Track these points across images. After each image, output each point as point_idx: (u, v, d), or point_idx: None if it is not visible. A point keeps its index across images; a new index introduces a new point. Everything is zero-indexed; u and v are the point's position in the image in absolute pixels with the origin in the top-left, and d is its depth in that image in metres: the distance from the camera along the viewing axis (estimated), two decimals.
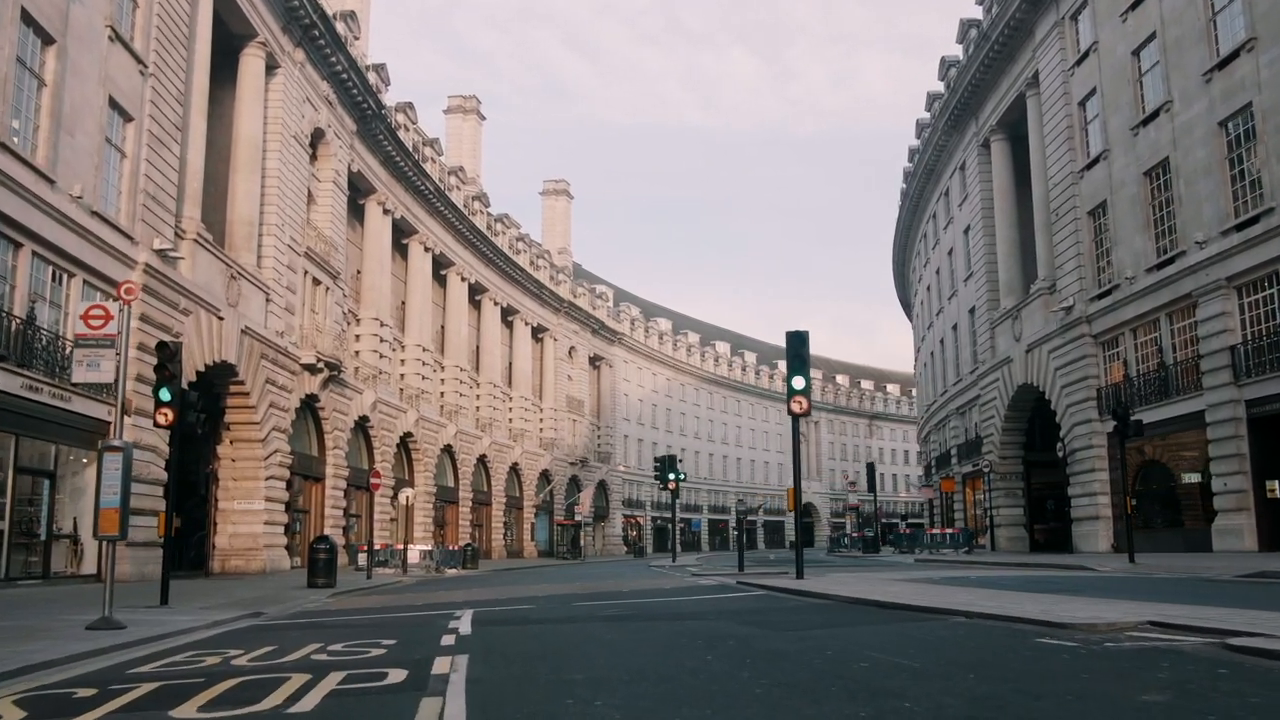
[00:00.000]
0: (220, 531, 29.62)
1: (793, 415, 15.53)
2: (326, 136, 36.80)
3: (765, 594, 14.23)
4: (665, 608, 12.54)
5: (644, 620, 10.64)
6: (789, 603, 12.37)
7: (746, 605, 12.24)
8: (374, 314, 42.85)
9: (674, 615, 11.23)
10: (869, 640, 7.87)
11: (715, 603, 13.07)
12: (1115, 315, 28.87)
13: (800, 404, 15.37)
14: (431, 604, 14.66)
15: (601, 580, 21.66)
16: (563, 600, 14.53)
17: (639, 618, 11.03)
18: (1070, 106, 31.58)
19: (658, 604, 13.22)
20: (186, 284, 24.43)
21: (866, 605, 11.00)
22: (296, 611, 13.79)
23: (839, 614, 10.43)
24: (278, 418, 30.72)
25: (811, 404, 15.28)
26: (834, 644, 7.64)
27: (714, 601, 13.28)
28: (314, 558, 20.08)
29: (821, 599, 12.40)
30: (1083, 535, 30.41)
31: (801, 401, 15.38)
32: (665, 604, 13.19)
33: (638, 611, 12.01)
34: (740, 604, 12.61)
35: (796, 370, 15.52)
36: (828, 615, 10.36)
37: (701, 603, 13.20)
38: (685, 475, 43.38)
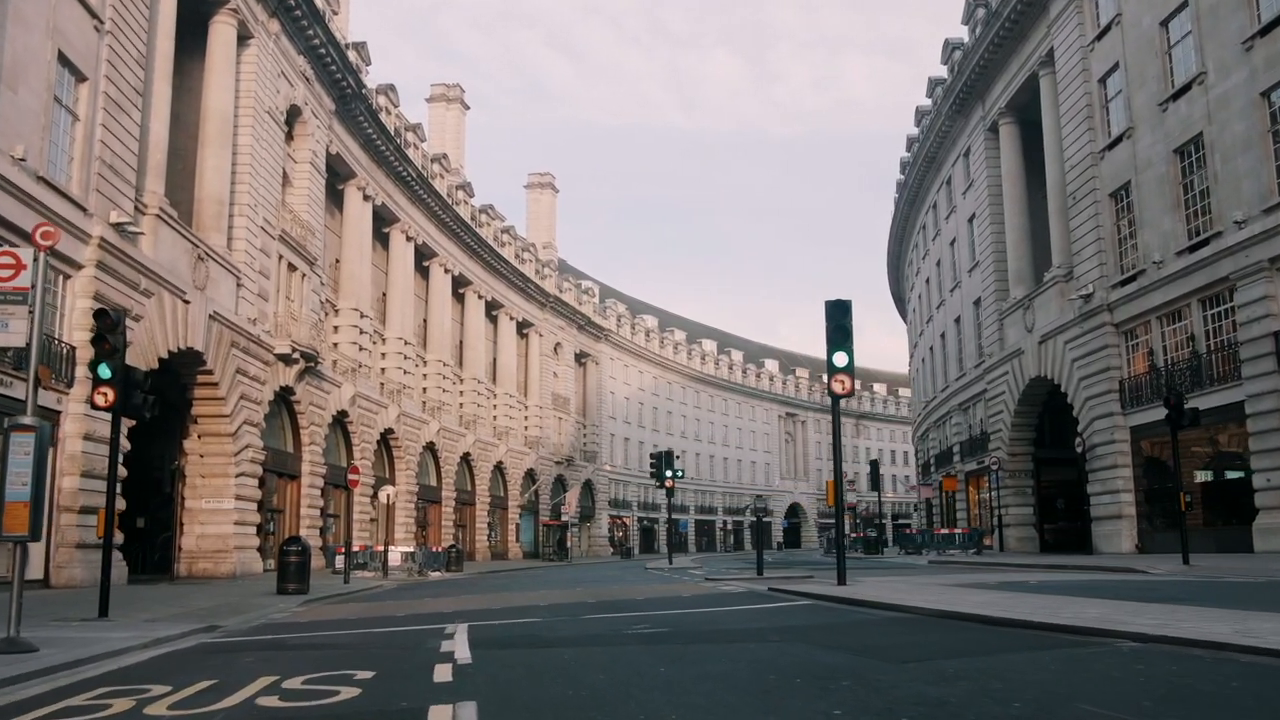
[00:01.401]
0: (187, 532, 27.61)
1: (833, 396, 13.75)
2: (303, 115, 34.82)
3: (814, 604, 12.31)
4: (705, 622, 10.69)
5: (691, 642, 8.64)
6: (855, 616, 10.42)
7: (806, 620, 10.34)
8: (353, 304, 40.87)
9: (725, 634, 9.26)
10: (1039, 677, 5.89)
11: (762, 616, 11.15)
12: (1140, 302, 27.27)
13: (842, 383, 13.59)
14: (417, 615, 12.76)
15: (604, 585, 19.77)
16: (571, 611, 12.67)
17: (681, 637, 9.06)
18: (1089, 84, 29.99)
19: (692, 617, 11.30)
20: (148, 262, 22.45)
21: (964, 621, 9.06)
22: (260, 624, 11.89)
23: (943, 634, 8.39)
24: (249, 411, 28.73)
25: (854, 385, 13.52)
26: (997, 684, 5.64)
27: (759, 614, 11.35)
28: (284, 561, 18.15)
29: (895, 611, 10.40)
30: (1104, 535, 28.80)
31: (844, 381, 13.59)
32: (702, 617, 11.31)
33: (675, 628, 10.08)
34: (795, 617, 10.74)
35: (838, 345, 13.70)
36: (931, 636, 8.35)
37: (745, 616, 11.29)
38: (683, 473, 41.62)
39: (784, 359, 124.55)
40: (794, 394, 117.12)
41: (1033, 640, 7.57)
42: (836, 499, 13.91)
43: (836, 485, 14.13)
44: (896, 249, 63.76)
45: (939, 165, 47.12)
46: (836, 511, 14.24)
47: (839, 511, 14.17)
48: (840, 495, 13.98)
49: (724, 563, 40.40)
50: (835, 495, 14.01)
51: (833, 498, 14.50)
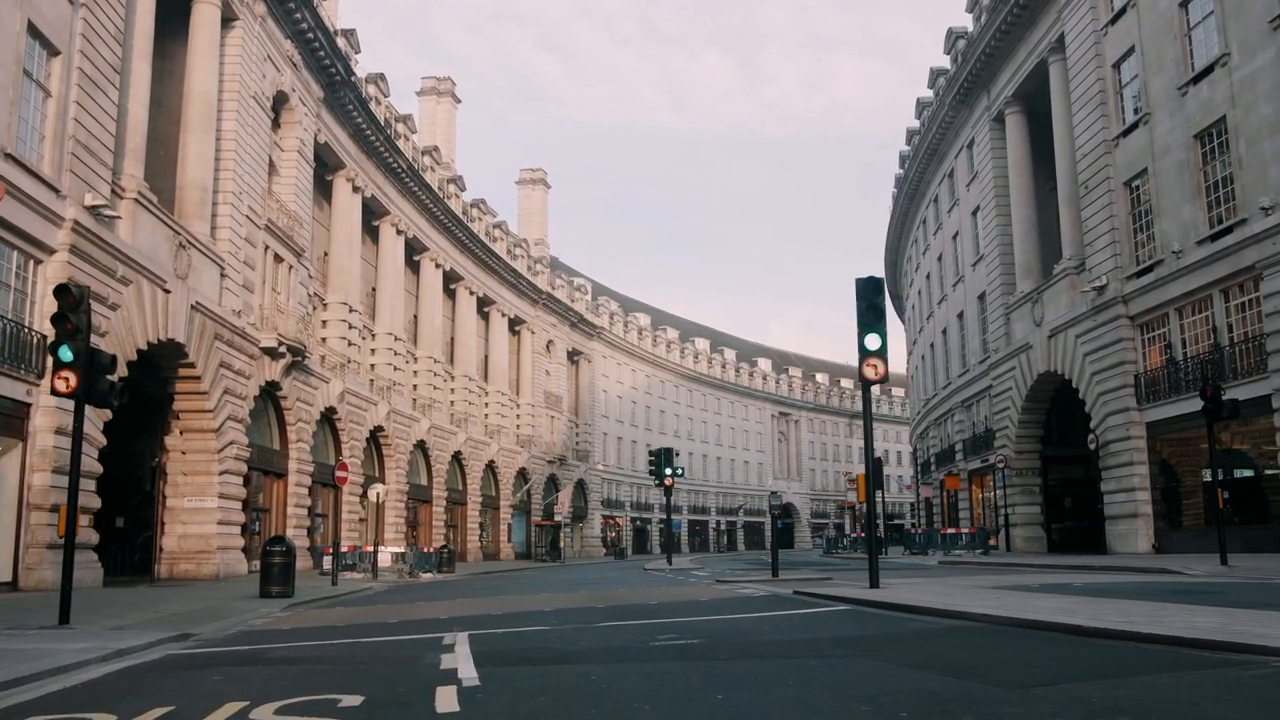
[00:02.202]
0: (168, 532, 26.49)
1: (865, 382, 12.68)
2: (290, 102, 33.69)
3: (855, 610, 11.13)
4: (742, 632, 9.46)
5: (737, 657, 7.38)
6: (912, 625, 9.11)
7: (858, 629, 9.11)
8: (342, 298, 39.76)
9: (773, 647, 8.03)
10: (1218, 712, 4.78)
11: (802, 624, 9.98)
12: (1158, 294, 26.37)
13: (875, 368, 12.54)
14: (410, 622, 11.68)
15: (607, 588, 18.68)
16: (582, 617, 11.52)
17: (723, 651, 7.79)
18: (1102, 69, 29.09)
19: (724, 626, 10.10)
20: (125, 249, 21.34)
21: (1051, 631, 7.87)
22: (237, 632, 10.82)
23: (1041, 649, 7.18)
24: (234, 406, 27.62)
25: (887, 370, 12.48)
26: None
27: (799, 622, 10.16)
28: (268, 562, 17.05)
29: (957, 619, 9.15)
30: (1119, 535, 27.89)
31: (876, 365, 12.55)
32: (734, 626, 10.13)
33: (709, 639, 8.77)
34: (842, 626, 9.49)
35: (871, 326, 12.63)
36: (1027, 652, 7.13)
37: (784, 624, 10.07)
38: (683, 471, 40.61)
39: (777, 358, 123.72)
40: (787, 393, 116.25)
41: (1163, 658, 6.39)
42: (868, 493, 12.86)
43: (868, 479, 13.12)
44: (895, 245, 62.88)
45: (941, 158, 46.20)
46: (868, 507, 13.19)
47: (870, 507, 13.10)
48: (871, 489, 12.95)
49: (724, 563, 39.43)
50: (866, 489, 12.97)
51: (864, 492, 13.45)
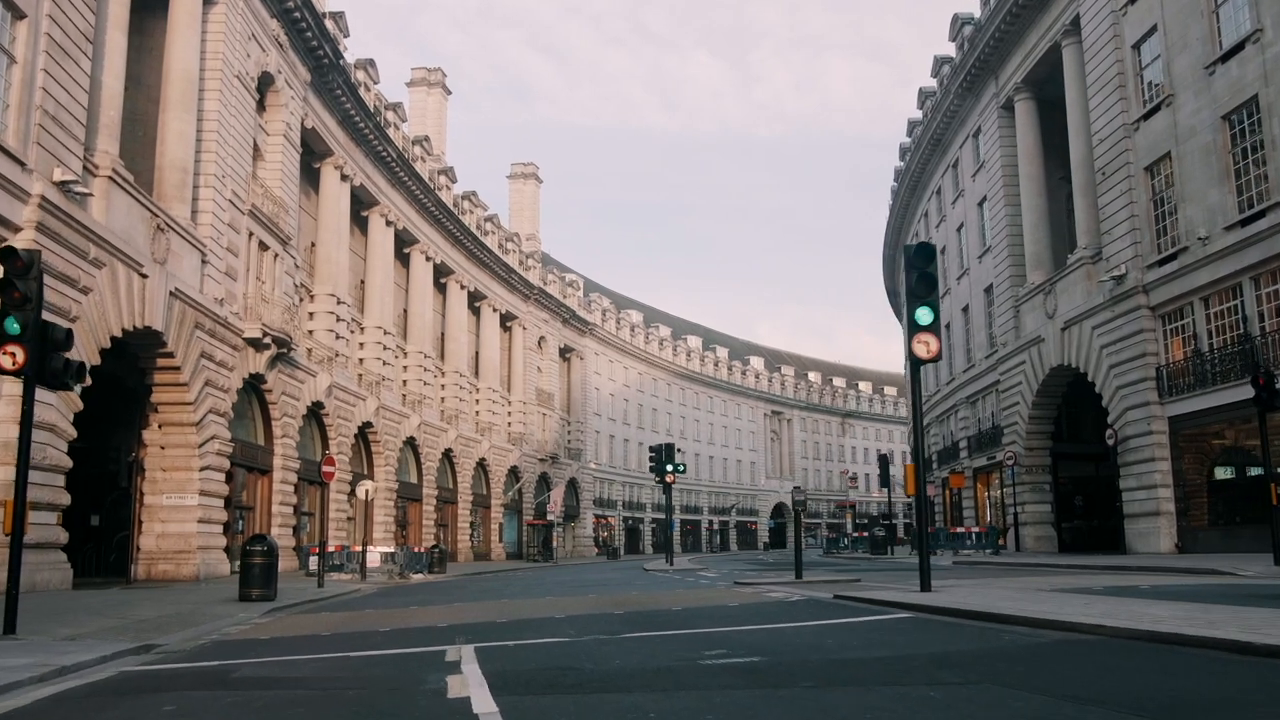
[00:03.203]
0: (146, 531, 25.15)
1: (915, 361, 11.46)
2: (276, 84, 32.38)
3: (922, 619, 9.76)
4: (803, 647, 8.02)
5: (823, 684, 5.99)
6: (1009, 638, 7.73)
7: (947, 645, 7.69)
8: (330, 290, 38.45)
9: (857, 669, 6.64)
10: None
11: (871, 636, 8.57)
12: (1181, 282, 25.32)
13: (926, 345, 11.35)
14: (405, 630, 10.43)
15: (615, 590, 17.36)
16: (602, 626, 10.13)
17: (801, 677, 6.29)
18: (1121, 51, 28.03)
19: (777, 639, 8.68)
20: (98, 229, 20.03)
21: (1195, 646, 6.59)
22: (207, 643, 9.56)
23: (1205, 673, 5.95)
24: (216, 399, 26.31)
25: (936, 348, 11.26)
26: None
27: (865, 634, 8.73)
28: (248, 563, 15.76)
29: (1062, 630, 7.74)
30: (1139, 534, 26.82)
31: (928, 342, 11.36)
32: (788, 638, 8.73)
33: (771, 657, 7.36)
34: (923, 640, 8.13)
35: (922, 298, 11.36)
36: (1192, 679, 5.83)
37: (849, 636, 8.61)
38: (684, 467, 39.46)
39: (769, 356, 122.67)
40: (779, 392, 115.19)
41: None
42: (918, 485, 11.54)
43: (918, 471, 11.84)
44: (894, 240, 61.73)
45: (945, 148, 45.14)
46: (917, 500, 11.90)
47: (920, 501, 11.81)
48: (921, 482, 11.68)
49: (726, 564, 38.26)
50: (916, 481, 11.63)
51: (913, 484, 12.24)
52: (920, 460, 11.94)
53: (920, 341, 11.40)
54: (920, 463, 11.89)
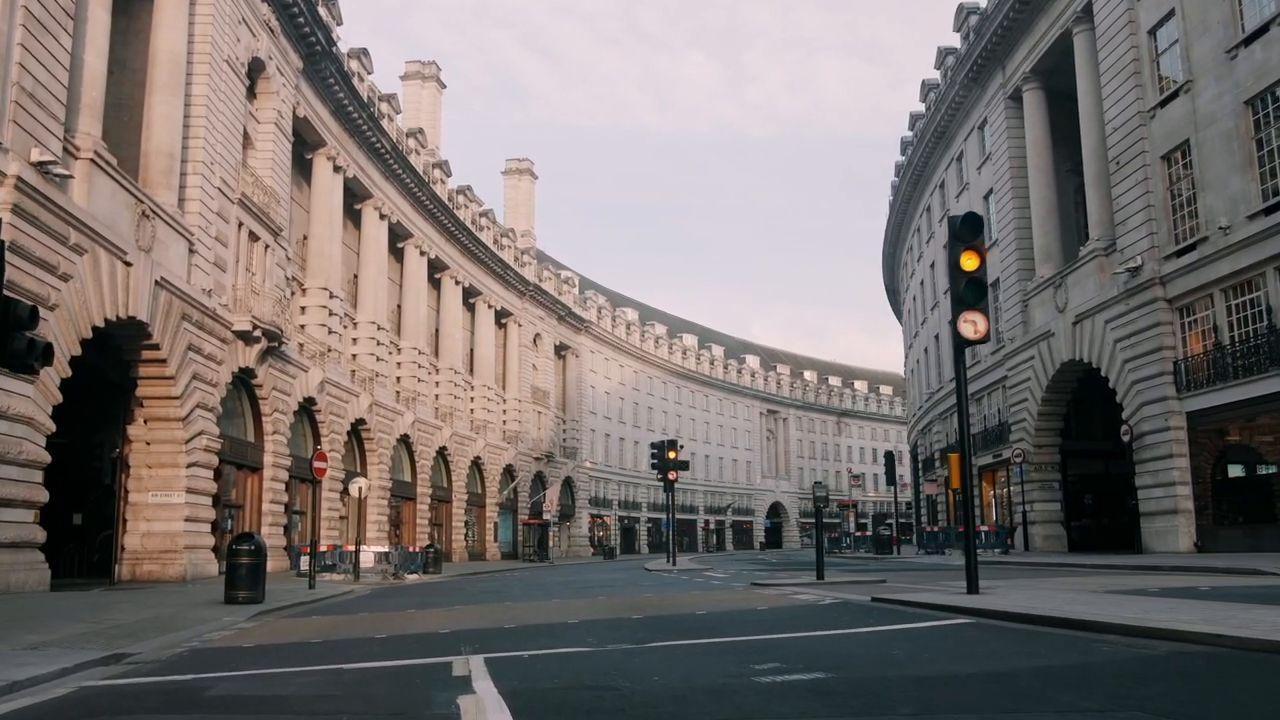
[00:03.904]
0: (131, 530, 24.25)
1: (961, 342, 10.58)
2: (267, 70, 31.49)
3: (982, 623, 8.80)
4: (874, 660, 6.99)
5: (928, 713, 5.10)
6: (1107, 649, 6.73)
7: (1036, 658, 6.75)
8: (322, 283, 37.55)
9: (955, 689, 5.65)
10: None
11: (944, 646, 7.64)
12: (1201, 274, 24.57)
13: (974, 325, 10.48)
14: (403, 637, 9.55)
15: (625, 592, 16.34)
16: (624, 634, 9.09)
17: (899, 703, 5.32)
18: (1136, 37, 27.28)
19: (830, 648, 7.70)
20: (79, 213, 19.15)
21: None
22: (185, 652, 8.66)
23: None
24: (204, 393, 25.42)
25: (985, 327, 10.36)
26: None
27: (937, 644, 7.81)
28: (233, 563, 14.86)
29: (1170, 640, 6.79)
30: (1156, 533, 26.06)
31: (975, 321, 10.49)
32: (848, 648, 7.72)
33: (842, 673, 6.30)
34: (1006, 652, 7.14)
35: (969, 273, 10.37)
36: None
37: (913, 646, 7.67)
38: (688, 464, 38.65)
39: (764, 355, 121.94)
40: (775, 390, 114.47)
41: None
42: (963, 477, 10.62)
43: (963, 462, 10.94)
44: (894, 236, 61.01)
45: (949, 141, 44.37)
46: (964, 494, 10.98)
47: (966, 493, 10.85)
48: (967, 474, 10.74)
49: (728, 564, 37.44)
50: (961, 473, 10.70)
51: (958, 476, 11.31)
52: (966, 451, 11.02)
53: (967, 321, 10.51)
54: (966, 453, 10.97)
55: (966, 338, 10.55)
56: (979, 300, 10.57)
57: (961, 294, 10.47)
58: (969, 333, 10.51)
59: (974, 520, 10.71)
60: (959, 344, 10.72)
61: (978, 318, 10.53)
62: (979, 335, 10.57)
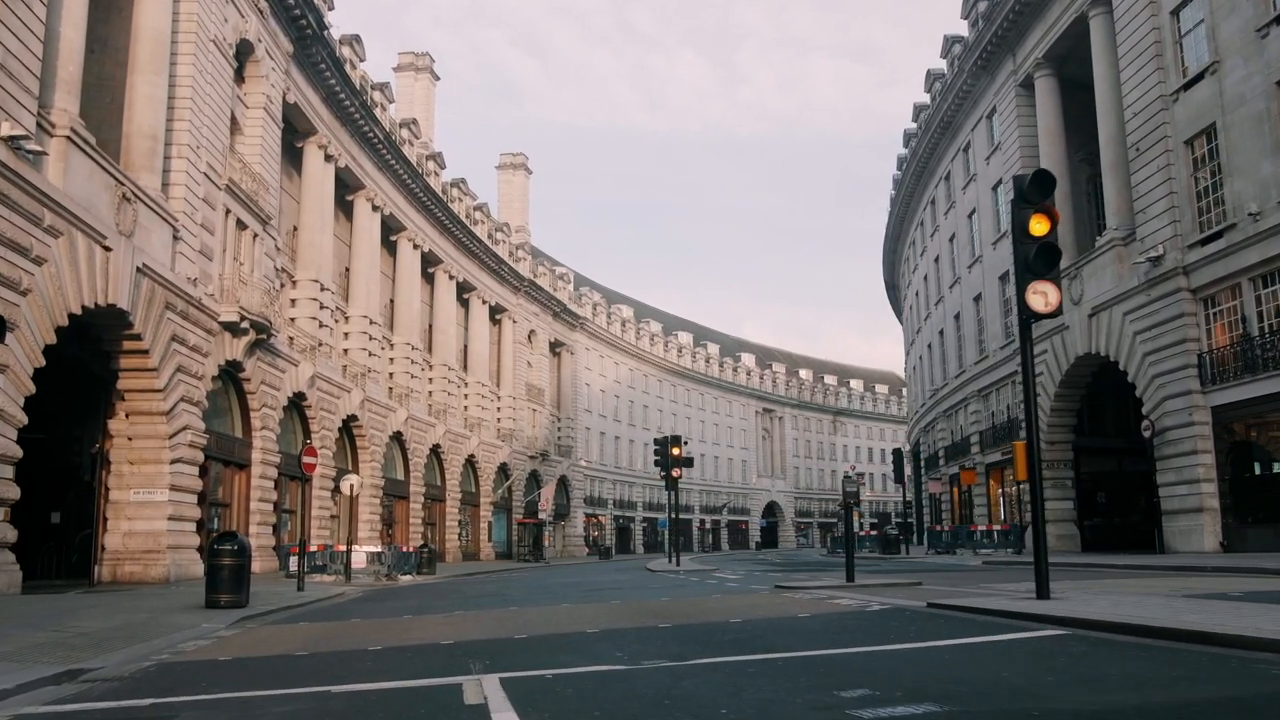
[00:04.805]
0: (111, 529, 23.12)
1: (1028, 316, 9.45)
2: (256, 53, 30.37)
3: (1083, 636, 7.54)
4: (978, 683, 5.76)
5: None
6: (1259, 669, 5.71)
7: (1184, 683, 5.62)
8: (313, 275, 36.43)
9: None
10: None
11: (1050, 664, 6.39)
12: (1227, 263, 23.64)
13: (1045, 297, 9.36)
14: (401, 650, 8.45)
15: (636, 596, 15.13)
16: (655, 647, 7.91)
17: None
18: (1158, 18, 26.35)
19: (913, 668, 6.49)
20: (54, 193, 18.04)
21: None
22: (151, 666, 7.56)
23: None
24: (188, 386, 24.31)
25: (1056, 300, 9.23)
26: None
27: (1036, 660, 6.60)
28: (215, 564, 13.75)
29: None
30: (1179, 532, 25.13)
31: (1046, 293, 9.37)
32: (939, 669, 6.44)
33: (952, 705, 5.14)
34: (1132, 670, 6.02)
35: (1039, 238, 9.25)
36: None
37: (1009, 662, 6.50)
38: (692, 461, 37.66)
39: (760, 353, 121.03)
40: (771, 389, 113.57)
41: None
42: (1030, 467, 9.50)
43: (1030, 451, 9.84)
44: (895, 231, 60.06)
45: (955, 131, 43.42)
46: (1031, 487, 9.84)
47: (1034, 484, 9.70)
48: (1035, 465, 9.64)
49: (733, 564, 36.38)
50: (1028, 463, 9.60)
51: (1024, 467, 10.19)
52: (1034, 439, 9.92)
53: (1036, 292, 9.42)
54: (1034, 442, 9.87)
55: (1036, 311, 9.47)
56: (1050, 269, 9.48)
57: (1031, 262, 9.37)
58: (1038, 305, 9.44)
59: (1042, 516, 9.66)
60: (1026, 318, 9.64)
61: (1048, 288, 9.45)
62: (1050, 308, 9.49)
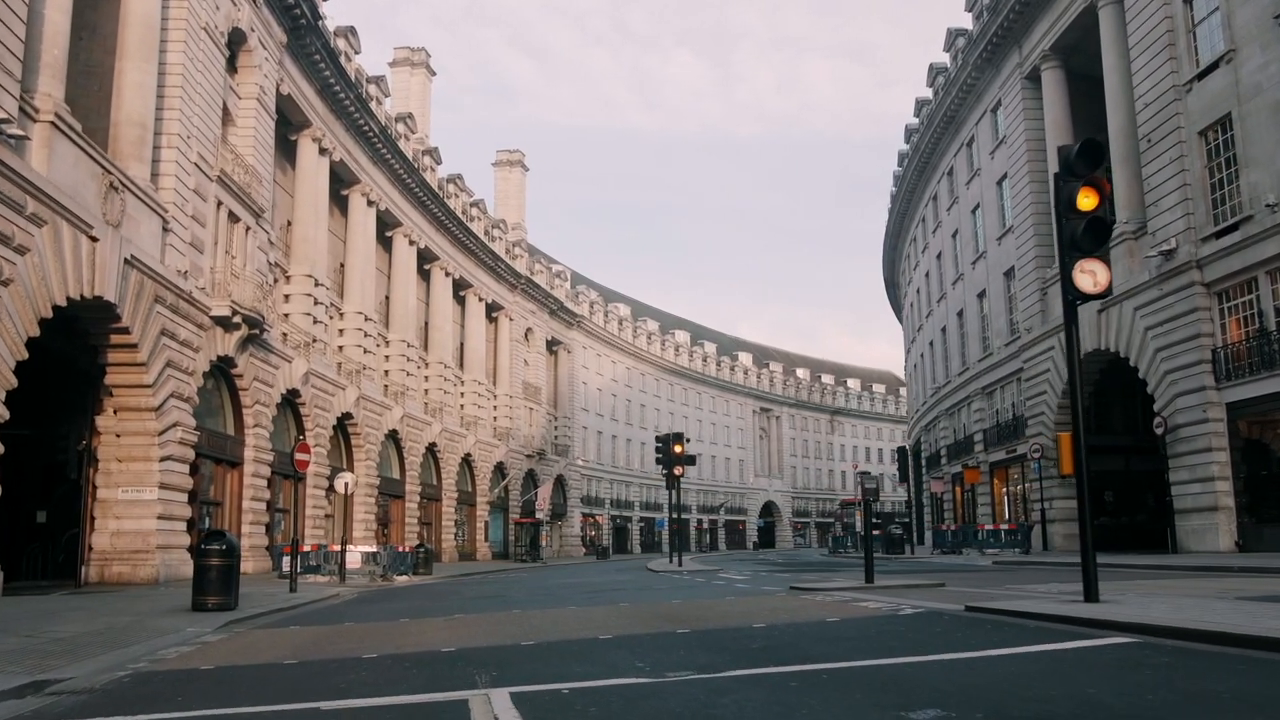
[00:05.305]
0: (99, 528, 22.47)
1: (1075, 296, 8.72)
2: (249, 43, 29.74)
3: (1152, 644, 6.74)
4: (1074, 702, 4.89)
5: None
6: None
7: None
8: (307, 271, 35.79)
9: None
10: None
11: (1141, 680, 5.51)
12: (1243, 255, 23.11)
13: (1093, 276, 8.62)
14: (398, 658, 7.76)
15: (644, 597, 14.40)
16: (679, 656, 7.20)
17: None
18: (1171, 6, 25.81)
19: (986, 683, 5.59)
20: (37, 180, 17.40)
21: None
22: (124, 679, 6.83)
23: None
24: (178, 382, 23.67)
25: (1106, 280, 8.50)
26: None
27: (1122, 675, 5.68)
28: (203, 565, 13.13)
29: None
30: (1192, 531, 24.59)
31: (1094, 271, 8.66)
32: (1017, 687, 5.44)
33: None
34: (1245, 689, 5.20)
35: (1088, 212, 8.54)
36: None
37: (1098, 678, 5.52)
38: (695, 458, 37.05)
39: (757, 352, 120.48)
40: (768, 388, 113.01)
41: None
42: (1076, 459, 8.83)
43: (1075, 444, 9.16)
44: (895, 228, 59.51)
45: (959, 126, 42.88)
46: (1078, 481, 9.18)
47: (1081, 478, 9.04)
48: (1080, 458, 8.98)
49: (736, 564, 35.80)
50: (1074, 457, 8.93)
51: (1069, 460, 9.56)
52: (1079, 430, 9.22)
53: (1085, 271, 8.70)
54: (1079, 433, 9.19)
55: (1084, 291, 8.75)
56: (1099, 245, 8.76)
57: (1078, 238, 8.68)
58: (1087, 285, 8.74)
59: (1089, 513, 9.04)
60: (1072, 299, 8.94)
61: (1097, 267, 8.73)
62: (1099, 288, 8.77)
